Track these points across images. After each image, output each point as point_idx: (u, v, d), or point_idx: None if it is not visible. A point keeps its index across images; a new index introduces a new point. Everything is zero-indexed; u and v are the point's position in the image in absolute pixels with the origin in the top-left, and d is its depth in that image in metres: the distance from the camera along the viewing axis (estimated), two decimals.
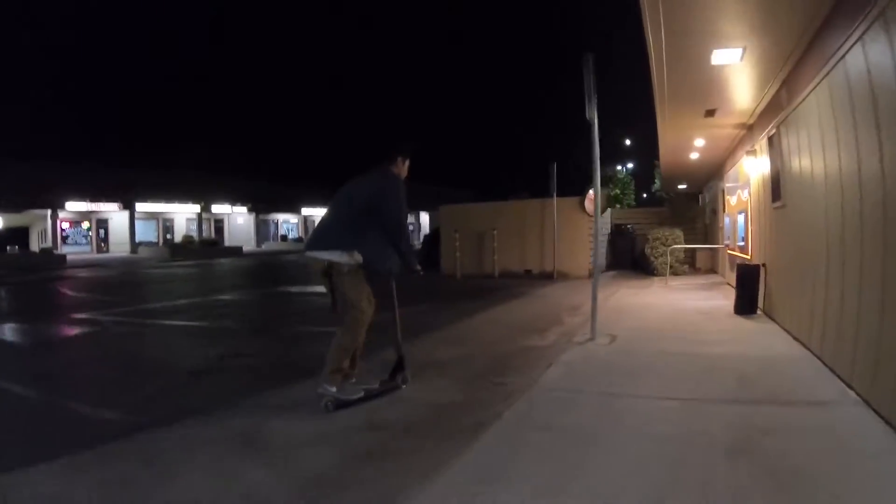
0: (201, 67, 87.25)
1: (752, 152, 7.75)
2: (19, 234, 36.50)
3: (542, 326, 7.22)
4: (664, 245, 13.84)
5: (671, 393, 4.09)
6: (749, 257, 8.41)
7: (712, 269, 14.73)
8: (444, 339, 6.70)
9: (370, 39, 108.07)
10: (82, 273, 21.82)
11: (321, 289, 4.45)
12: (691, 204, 17.92)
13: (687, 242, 14.57)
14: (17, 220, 36.55)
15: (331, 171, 54.18)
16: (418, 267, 4.45)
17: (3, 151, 36.26)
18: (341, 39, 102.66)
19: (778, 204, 6.40)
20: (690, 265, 15.03)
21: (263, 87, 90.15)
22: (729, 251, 10.65)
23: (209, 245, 38.87)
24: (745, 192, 8.59)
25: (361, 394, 4.10)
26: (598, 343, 6.02)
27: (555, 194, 14.52)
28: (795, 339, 5.63)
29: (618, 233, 17.43)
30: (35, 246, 37.11)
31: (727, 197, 10.88)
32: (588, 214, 14.53)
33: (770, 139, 6.76)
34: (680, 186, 17.62)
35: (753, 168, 7.85)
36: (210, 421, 3.85)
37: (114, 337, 7.76)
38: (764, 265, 7.31)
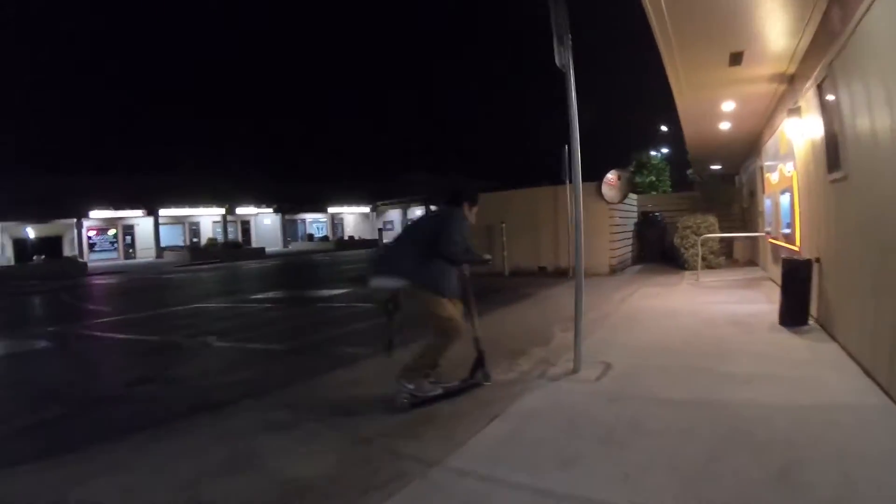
0: (224, 68, 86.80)
1: (796, 111, 5.89)
2: (52, 244, 36.73)
3: (522, 346, 5.53)
4: (695, 234, 11.91)
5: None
6: (797, 249, 6.54)
7: (752, 261, 12.70)
8: (384, 365, 5.09)
9: (387, 33, 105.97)
10: (97, 280, 22.17)
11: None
12: (726, 186, 15.75)
13: (722, 230, 12.58)
14: (49, 230, 37.15)
15: (357, 169, 53.68)
16: (487, 256, 5.08)
17: (27, 163, 37.05)
18: (359, 36, 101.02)
19: (836, 175, 4.58)
20: (727, 256, 13.01)
21: (288, 86, 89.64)
22: (771, 240, 8.73)
23: (232, 247, 38.94)
24: (789, 164, 6.71)
25: (439, 391, 4.14)
26: (581, 378, 4.34)
27: (568, 180, 12.71)
28: (865, 371, 3.84)
29: (645, 221, 15.49)
30: (66, 254, 37.19)
31: (767, 175, 8.95)
32: (607, 202, 12.69)
33: (820, 88, 4.93)
34: (713, 167, 15.53)
35: (798, 131, 6.00)
36: None
37: (52, 355, 7.25)
38: (818, 260, 5.47)
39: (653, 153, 31.67)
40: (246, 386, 4.89)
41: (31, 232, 35.70)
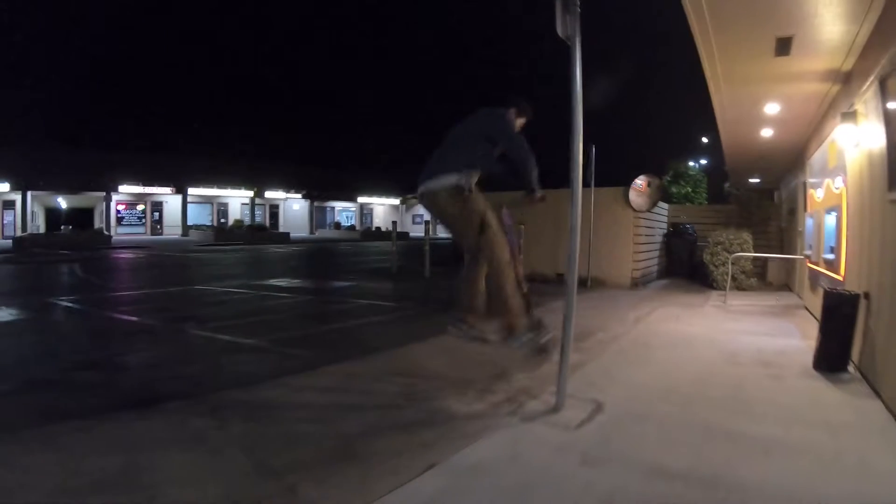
0: (254, 55, 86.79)
1: (851, 116, 4.97)
2: (85, 215, 37.59)
3: (506, 368, 4.73)
4: (727, 252, 10.92)
5: None
6: (840, 278, 5.60)
7: (787, 286, 11.63)
8: (328, 385, 4.38)
9: (423, 26, 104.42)
10: (115, 254, 22.53)
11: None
12: (764, 201, 14.59)
13: (757, 249, 11.53)
14: (81, 201, 37.92)
15: (387, 161, 53.11)
16: (540, 192, 4.07)
17: (60, 137, 37.53)
18: (396, 28, 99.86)
19: None
20: (759, 278, 11.95)
21: (321, 76, 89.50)
22: (810, 265, 7.76)
23: (258, 230, 38.90)
24: (839, 179, 5.77)
25: (550, 334, 3.94)
26: (560, 421, 3.54)
27: (593, 183, 11.81)
28: None
29: (675, 233, 14.46)
30: (96, 227, 37.71)
31: (810, 191, 7.96)
32: (634, 209, 11.75)
33: (882, 86, 4.03)
34: (751, 181, 14.40)
35: (852, 140, 5.07)
36: None
37: (22, 329, 6.97)
38: (866, 295, 4.56)
39: (691, 164, 30.44)
40: (190, 382, 4.40)
41: (62, 202, 36.53)
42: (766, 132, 8.03)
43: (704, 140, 33.94)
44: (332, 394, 4.10)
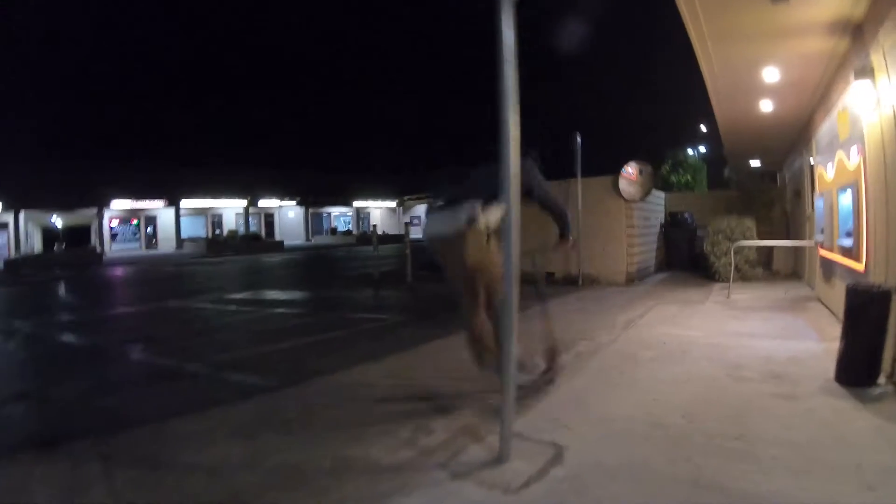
0: (241, 60, 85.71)
1: (867, 71, 4.07)
2: (81, 233, 37.06)
3: (453, 397, 3.87)
4: (729, 240, 10.01)
5: None
6: (860, 268, 4.70)
7: (795, 273, 10.70)
8: (243, 422, 3.56)
9: (415, 29, 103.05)
10: (102, 272, 22.27)
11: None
12: (767, 185, 13.61)
13: (761, 235, 10.58)
14: (77, 219, 37.20)
15: (384, 163, 52.09)
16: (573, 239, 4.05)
17: (49, 153, 36.88)
18: (381, 29, 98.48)
19: None
20: (765, 266, 11.00)
21: (317, 79, 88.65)
22: (822, 252, 6.84)
23: (252, 240, 38.65)
24: (854, 151, 4.86)
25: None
26: (502, 478, 2.65)
27: (579, 173, 10.90)
28: None
29: (673, 223, 13.51)
30: (91, 244, 37.20)
31: (819, 170, 7.04)
32: (625, 199, 10.83)
33: None
34: (752, 164, 13.44)
35: (870, 100, 4.17)
36: None
37: None
38: None
39: (689, 151, 29.62)
40: (106, 417, 3.98)
41: (58, 221, 35.86)
42: (765, 105, 7.11)
43: (703, 128, 33.36)
44: (243, 435, 3.41)
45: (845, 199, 5.28)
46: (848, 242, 5.16)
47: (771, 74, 5.91)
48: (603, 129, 38.67)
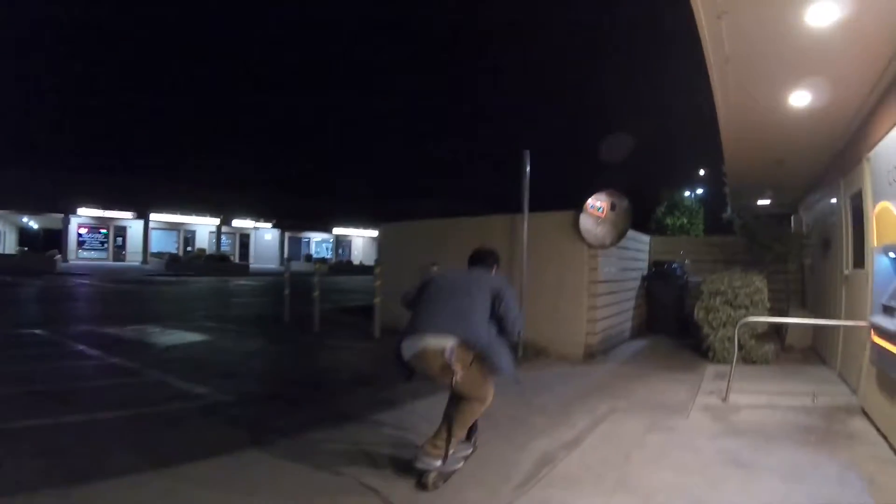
0: (223, 77, 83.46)
1: None
2: (56, 236, 36.03)
3: None
4: (730, 305, 7.22)
5: None
6: None
7: (814, 351, 7.87)
8: None
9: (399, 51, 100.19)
10: (45, 282, 20.65)
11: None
12: (783, 231, 10.67)
13: (772, 297, 7.76)
14: (53, 223, 36.24)
15: (362, 191, 49.21)
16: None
17: (20, 159, 35.86)
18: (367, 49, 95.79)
19: None
20: (775, 341, 8.08)
21: (295, 99, 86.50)
22: (876, 339, 4.02)
23: (218, 260, 36.01)
24: None
25: (461, 464, 3.67)
26: None
27: (526, 204, 8.05)
28: None
29: (658, 274, 10.64)
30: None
31: (877, 208, 4.31)
32: (587, 243, 7.98)
33: None
34: (761, 202, 10.62)
35: None
36: None
37: None
38: None
39: (686, 193, 27.44)
40: None
41: (32, 223, 35.85)
42: (800, 98, 4.36)
43: (701, 172, 32.03)
44: None
45: None
46: None
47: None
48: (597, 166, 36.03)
